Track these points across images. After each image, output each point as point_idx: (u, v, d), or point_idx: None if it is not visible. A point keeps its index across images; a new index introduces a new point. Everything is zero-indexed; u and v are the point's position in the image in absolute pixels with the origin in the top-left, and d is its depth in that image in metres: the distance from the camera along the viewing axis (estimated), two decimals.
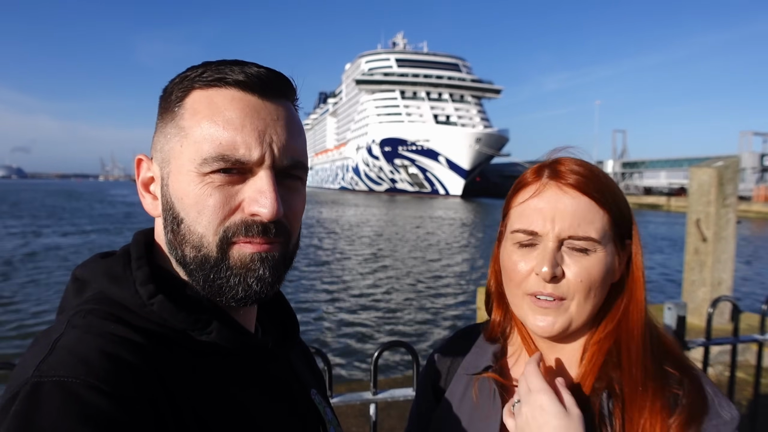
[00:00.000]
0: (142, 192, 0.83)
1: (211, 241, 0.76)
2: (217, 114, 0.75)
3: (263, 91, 0.78)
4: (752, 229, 34.06)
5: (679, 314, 2.29)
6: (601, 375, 0.97)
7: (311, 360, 1.13)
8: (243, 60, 0.80)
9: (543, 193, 0.98)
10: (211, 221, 0.75)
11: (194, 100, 0.77)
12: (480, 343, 1.16)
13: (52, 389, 0.60)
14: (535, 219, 0.97)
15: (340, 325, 10.50)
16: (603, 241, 0.95)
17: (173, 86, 0.80)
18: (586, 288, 0.95)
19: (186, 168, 0.76)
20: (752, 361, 4.58)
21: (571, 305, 0.96)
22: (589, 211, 0.95)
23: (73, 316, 0.73)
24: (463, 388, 1.12)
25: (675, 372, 0.97)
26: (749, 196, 51.63)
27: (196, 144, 0.75)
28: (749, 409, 3.80)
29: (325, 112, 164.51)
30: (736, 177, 6.05)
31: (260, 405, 0.81)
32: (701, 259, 5.99)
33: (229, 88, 0.77)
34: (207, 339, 0.76)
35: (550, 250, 0.95)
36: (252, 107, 0.76)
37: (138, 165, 0.83)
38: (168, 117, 0.79)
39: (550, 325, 0.96)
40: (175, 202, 0.77)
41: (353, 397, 1.91)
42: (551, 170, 1.00)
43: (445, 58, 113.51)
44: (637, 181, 74.46)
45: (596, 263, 0.95)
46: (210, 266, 0.76)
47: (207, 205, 0.75)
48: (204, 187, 0.75)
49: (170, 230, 0.78)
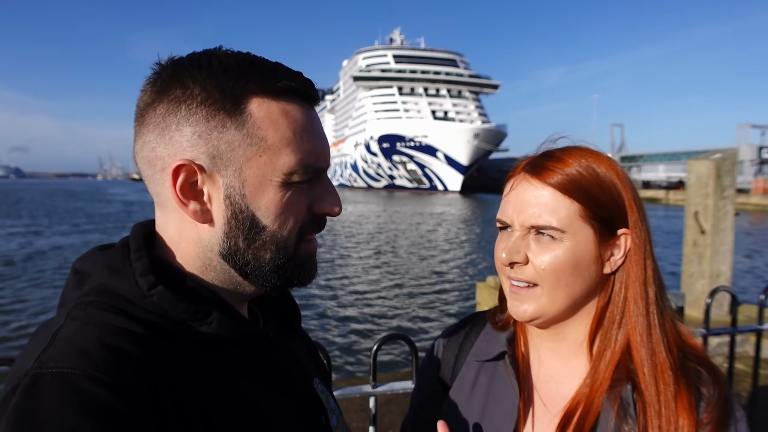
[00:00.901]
0: (182, 199, 0.76)
1: (293, 242, 0.81)
2: (298, 126, 0.79)
3: (314, 102, 0.83)
4: (751, 221, 34.11)
5: (677, 305, 2.29)
6: (619, 366, 0.97)
7: (313, 350, 1.13)
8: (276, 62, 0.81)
9: (515, 185, 1.02)
10: (295, 225, 0.81)
11: (264, 108, 0.77)
12: (489, 330, 1.16)
13: (52, 380, 0.61)
14: (506, 209, 1.02)
15: (339, 320, 10.53)
16: (570, 231, 0.96)
17: (228, 85, 0.75)
18: (551, 275, 0.96)
19: (269, 178, 0.77)
20: (751, 352, 4.60)
21: (543, 293, 0.98)
22: (552, 200, 0.96)
23: (73, 309, 0.73)
24: (474, 375, 1.12)
25: (698, 368, 0.97)
26: (747, 189, 51.74)
27: (284, 156, 0.77)
28: (748, 400, 3.81)
29: (323, 109, 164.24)
30: (734, 169, 6.06)
31: (262, 394, 0.81)
32: (700, 251, 6.00)
33: (294, 101, 0.80)
34: (208, 329, 0.76)
35: (514, 237, 1.00)
36: (316, 119, 0.83)
37: (177, 171, 0.75)
38: (228, 121, 0.75)
39: (522, 311, 1.00)
40: (256, 211, 0.78)
41: (353, 391, 1.92)
42: (528, 163, 1.03)
43: (442, 54, 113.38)
44: (635, 175, 74.47)
45: (562, 252, 0.96)
46: (290, 265, 0.82)
47: (293, 212, 0.80)
48: (290, 196, 0.79)
49: (242, 238, 0.78)
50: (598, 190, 0.98)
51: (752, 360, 2.92)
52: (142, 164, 0.80)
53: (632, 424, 0.92)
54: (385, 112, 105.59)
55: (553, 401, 1.02)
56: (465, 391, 1.12)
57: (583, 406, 0.96)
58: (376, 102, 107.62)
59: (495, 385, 1.08)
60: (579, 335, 1.03)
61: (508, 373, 1.06)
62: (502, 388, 1.06)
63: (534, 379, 1.07)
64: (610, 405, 0.94)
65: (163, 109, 0.76)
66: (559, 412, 0.99)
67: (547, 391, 1.04)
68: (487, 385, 1.09)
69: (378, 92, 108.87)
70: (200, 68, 0.75)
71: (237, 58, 0.78)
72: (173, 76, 0.76)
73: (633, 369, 0.96)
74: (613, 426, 0.93)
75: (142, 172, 0.81)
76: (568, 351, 1.05)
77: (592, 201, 0.97)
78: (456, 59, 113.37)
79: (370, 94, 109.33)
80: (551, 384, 1.05)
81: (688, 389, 0.93)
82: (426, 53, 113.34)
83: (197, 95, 0.74)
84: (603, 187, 0.98)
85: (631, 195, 1.01)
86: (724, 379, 0.97)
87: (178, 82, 0.75)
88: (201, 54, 0.78)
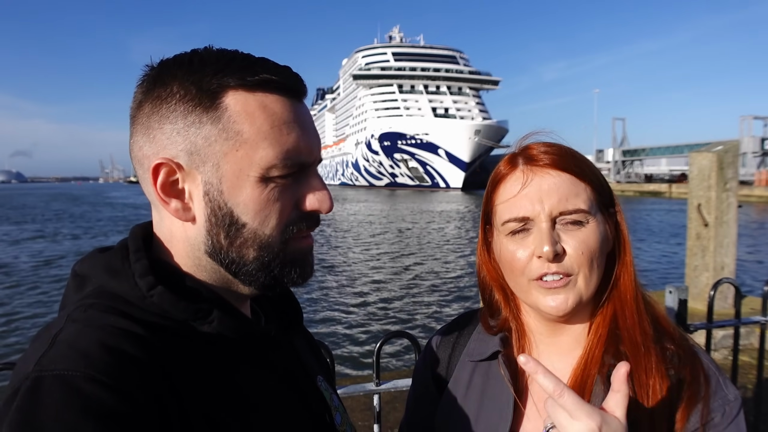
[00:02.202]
0: (163, 197, 0.77)
1: (278, 240, 0.78)
2: (277, 119, 0.76)
3: (299, 95, 0.80)
4: (754, 214, 34.01)
5: (680, 297, 2.28)
6: (608, 347, 0.98)
7: (316, 348, 1.13)
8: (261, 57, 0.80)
9: (523, 179, 0.98)
10: (279, 222, 0.78)
11: (241, 102, 0.75)
12: (481, 330, 1.16)
13: (52, 383, 0.60)
14: (523, 205, 0.97)
15: (342, 318, 10.54)
16: (592, 211, 0.97)
17: (204, 81, 0.74)
18: (588, 260, 0.95)
19: (247, 173, 0.75)
20: (756, 344, 4.58)
21: (579, 279, 0.96)
22: (573, 185, 0.97)
23: (73, 311, 0.73)
24: (469, 376, 1.12)
25: (672, 347, 0.97)
26: (751, 181, 51.55)
27: (261, 149, 0.75)
28: (754, 392, 3.80)
29: (323, 108, 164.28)
30: (736, 161, 6.04)
31: (264, 393, 0.81)
32: (703, 244, 5.99)
33: (274, 93, 0.77)
34: (209, 329, 0.76)
35: (545, 229, 0.95)
36: (300, 112, 0.79)
37: (157, 170, 0.76)
38: (204, 117, 0.74)
39: (564, 303, 0.96)
40: (234, 208, 0.76)
41: (356, 389, 1.92)
42: (524, 157, 1.00)
43: (442, 51, 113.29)
44: (637, 169, 74.28)
45: (591, 233, 0.96)
46: (276, 264, 0.80)
47: (275, 209, 0.77)
48: (270, 192, 0.76)
49: (224, 235, 0.77)
50: (598, 173, 1.02)
51: (757, 352, 2.91)
52: (135, 165, 0.81)
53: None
54: (385, 110, 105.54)
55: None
56: (460, 391, 1.11)
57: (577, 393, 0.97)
58: (377, 100, 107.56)
59: (490, 384, 1.07)
60: (579, 325, 1.04)
61: (502, 372, 1.05)
62: (496, 388, 1.06)
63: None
64: (601, 388, 0.95)
65: (148, 108, 0.77)
66: None
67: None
68: (482, 384, 1.09)
69: (378, 90, 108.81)
70: (180, 66, 0.76)
71: (218, 55, 0.77)
72: (157, 76, 0.77)
73: (621, 350, 0.97)
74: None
75: (137, 172, 0.81)
76: (567, 344, 1.05)
77: (597, 182, 1.00)
78: (456, 56, 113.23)
79: (371, 93, 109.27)
80: None
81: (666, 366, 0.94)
82: (425, 50, 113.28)
83: (176, 93, 0.75)
84: (593, 166, 1.02)
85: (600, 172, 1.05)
86: (698, 356, 0.98)
87: (161, 81, 0.76)
88: (185, 53, 0.78)
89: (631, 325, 0.98)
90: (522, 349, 1.10)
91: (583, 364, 0.99)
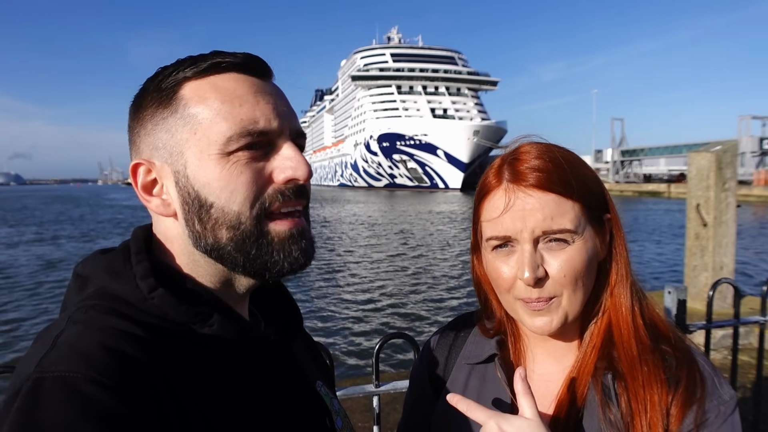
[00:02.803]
0: (145, 197, 0.81)
1: (248, 216, 0.77)
2: (227, 94, 0.77)
3: (259, 72, 0.81)
4: (753, 213, 34.03)
5: (679, 298, 2.28)
6: (601, 355, 0.97)
7: (316, 352, 1.13)
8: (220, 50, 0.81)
9: (506, 199, 0.95)
10: (247, 197, 0.76)
11: (194, 88, 0.77)
12: (477, 332, 1.16)
13: (53, 384, 0.60)
14: (506, 224, 0.94)
15: (341, 320, 10.52)
16: (579, 230, 0.94)
17: (162, 82, 0.79)
18: (572, 281, 0.94)
19: (207, 152, 0.76)
20: (755, 344, 4.58)
21: (563, 301, 0.94)
22: (558, 205, 0.93)
23: (74, 312, 0.73)
24: (465, 378, 1.12)
25: (669, 350, 0.97)
26: (749, 181, 51.63)
27: (215, 125, 0.75)
28: (753, 392, 3.80)
29: (322, 109, 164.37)
30: (735, 161, 6.05)
31: (263, 397, 0.81)
32: (702, 244, 5.99)
33: (229, 72, 0.79)
34: (209, 332, 0.76)
35: (527, 252, 0.93)
36: (257, 85, 0.79)
37: (135, 171, 0.81)
38: (166, 112, 0.78)
39: (548, 324, 0.95)
40: (200, 189, 0.77)
41: (356, 390, 1.92)
42: (510, 172, 0.96)
43: (440, 52, 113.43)
44: (636, 169, 74.37)
45: (577, 253, 0.93)
46: (251, 242, 0.77)
47: (239, 183, 0.76)
48: (232, 167, 0.76)
49: (197, 220, 0.78)
50: (591, 183, 0.98)
51: (756, 352, 2.92)
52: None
53: (616, 412, 0.92)
54: (384, 111, 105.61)
55: (543, 401, 1.01)
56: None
57: (569, 401, 0.96)
58: (375, 101, 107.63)
59: (486, 387, 1.07)
60: (573, 330, 1.03)
61: (498, 375, 1.04)
62: (493, 391, 1.05)
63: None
64: (594, 396, 0.94)
65: (132, 125, 0.82)
66: (548, 410, 0.99)
67: (538, 391, 1.03)
68: (479, 387, 1.08)
69: (377, 91, 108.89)
70: (149, 79, 0.81)
71: (181, 59, 0.81)
72: (136, 98, 0.82)
73: (615, 356, 0.96)
74: (599, 417, 0.93)
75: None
76: (562, 347, 1.05)
77: (589, 195, 0.96)
78: (454, 56, 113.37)
79: (369, 94, 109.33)
80: (542, 383, 1.04)
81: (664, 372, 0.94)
82: (424, 51, 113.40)
83: (146, 101, 0.80)
84: (585, 176, 0.97)
85: (597, 176, 1.01)
86: (694, 358, 0.97)
87: (137, 98, 0.82)
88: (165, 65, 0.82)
89: (627, 338, 0.97)
90: (517, 352, 1.10)
91: (576, 372, 0.99)
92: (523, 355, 1.09)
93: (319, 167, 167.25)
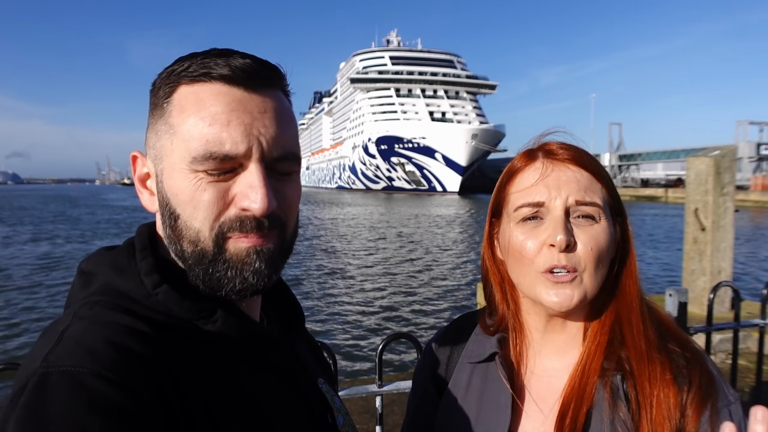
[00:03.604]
0: (139, 188, 0.83)
1: (207, 236, 0.76)
2: (203, 110, 0.74)
3: (249, 83, 0.76)
4: (750, 218, 34.12)
5: (680, 300, 2.30)
6: (609, 354, 0.98)
7: (317, 350, 1.13)
8: (230, 49, 0.79)
9: (543, 169, 1.00)
10: (207, 217, 0.75)
11: (181, 96, 0.77)
12: (479, 331, 1.16)
13: (59, 379, 0.61)
14: (540, 191, 0.97)
15: (344, 320, 10.54)
16: (605, 211, 0.98)
17: (161, 82, 0.79)
18: (596, 257, 0.95)
19: (178, 165, 0.75)
20: (754, 348, 4.60)
21: (585, 277, 0.95)
22: (591, 181, 0.99)
23: (79, 308, 0.73)
24: (467, 377, 1.12)
25: (677, 349, 0.98)
26: (747, 186, 51.78)
27: (185, 142, 0.75)
28: (752, 395, 3.82)
29: (321, 111, 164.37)
30: (733, 166, 6.07)
31: (266, 394, 0.81)
32: (700, 248, 6.01)
33: (215, 83, 0.75)
34: (212, 328, 0.77)
35: (559, 218, 0.95)
36: (238, 101, 0.75)
37: (134, 162, 0.84)
38: (158, 113, 0.79)
39: (569, 299, 0.94)
40: (170, 198, 0.77)
41: (359, 390, 1.92)
42: (543, 151, 1.02)
43: (439, 55, 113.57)
44: (634, 174, 74.53)
45: (602, 232, 0.96)
46: (208, 261, 0.76)
47: (201, 201, 0.75)
48: (197, 183, 0.75)
49: (168, 225, 0.78)
50: (610, 179, 1.04)
51: (754, 356, 2.93)
52: None
53: (626, 412, 0.92)
54: (382, 113, 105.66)
55: (547, 397, 1.02)
56: (459, 393, 1.12)
57: (575, 401, 0.96)
58: (374, 104, 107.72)
59: (488, 386, 1.08)
60: (577, 324, 1.04)
61: (500, 373, 1.05)
62: (495, 389, 1.06)
63: (527, 377, 1.07)
64: (602, 396, 0.94)
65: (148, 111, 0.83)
66: (552, 407, 0.99)
67: (541, 387, 1.04)
68: (481, 386, 1.09)
69: (375, 94, 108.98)
70: (161, 75, 0.81)
71: (189, 55, 0.80)
72: (155, 81, 0.82)
73: (623, 356, 0.96)
74: (608, 417, 0.93)
75: None
76: (565, 342, 1.05)
77: (610, 187, 1.03)
78: (453, 60, 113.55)
79: (368, 96, 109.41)
80: (545, 379, 1.05)
81: (672, 370, 0.94)
82: (423, 54, 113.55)
83: (154, 94, 0.81)
84: (607, 174, 1.04)
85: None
86: (704, 360, 0.98)
87: (153, 87, 0.82)
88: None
89: (637, 334, 0.98)
90: (519, 348, 1.10)
91: (581, 371, 0.98)
92: (525, 350, 1.10)
93: (317, 169, 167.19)
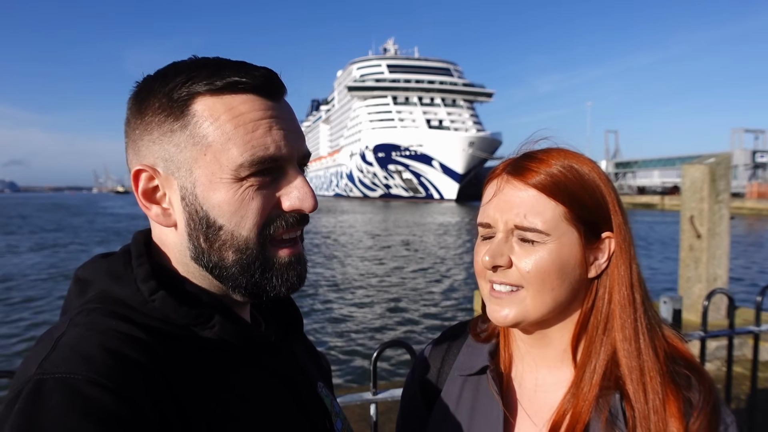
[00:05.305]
0: (145, 204, 0.80)
1: (256, 242, 0.78)
2: (242, 118, 0.76)
3: (272, 91, 0.80)
4: (746, 226, 34.22)
5: (674, 308, 2.30)
6: (606, 373, 0.95)
7: (315, 355, 1.13)
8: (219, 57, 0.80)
9: (496, 187, 1.00)
10: (256, 223, 0.77)
11: (208, 106, 0.76)
12: (471, 343, 1.15)
13: (54, 386, 0.61)
14: (488, 213, 0.99)
15: (339, 328, 10.49)
16: (555, 233, 0.94)
17: (174, 91, 0.77)
18: (538, 279, 0.94)
19: (218, 176, 0.76)
20: (749, 355, 4.60)
21: (527, 296, 0.95)
22: (537, 202, 0.94)
23: (75, 315, 0.73)
24: (459, 390, 1.10)
25: (687, 372, 0.96)
26: (742, 193, 51.97)
27: (227, 151, 0.75)
28: (747, 403, 3.82)
29: (318, 119, 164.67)
30: (728, 173, 6.10)
31: (265, 399, 0.81)
32: (696, 255, 6.03)
33: (241, 93, 0.77)
34: (210, 334, 0.77)
35: (497, 240, 0.97)
36: (271, 108, 0.78)
37: (137, 176, 0.80)
38: (175, 125, 0.77)
39: (504, 317, 0.96)
40: (209, 210, 0.77)
41: (353, 398, 1.91)
42: (512, 165, 1.00)
43: (436, 63, 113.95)
44: (630, 181, 74.78)
45: (546, 255, 0.93)
46: (256, 267, 0.78)
47: (250, 209, 0.77)
48: (244, 192, 0.76)
49: (203, 238, 0.78)
50: (582, 192, 0.96)
51: (749, 363, 2.94)
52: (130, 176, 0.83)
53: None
54: (380, 121, 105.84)
55: (539, 412, 1.01)
56: (450, 406, 1.10)
57: (570, 418, 0.94)
58: (371, 112, 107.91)
59: (479, 399, 1.06)
60: (563, 341, 1.02)
61: (491, 387, 1.03)
62: (486, 403, 1.04)
63: (519, 391, 1.05)
64: (598, 415, 0.93)
65: (133, 123, 0.80)
66: (545, 423, 0.98)
67: (533, 401, 1.03)
68: (472, 399, 1.07)
69: (372, 102, 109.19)
70: (156, 80, 0.79)
71: (191, 64, 0.79)
72: (139, 93, 0.80)
73: (620, 376, 0.94)
74: None
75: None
76: (553, 357, 1.03)
77: (577, 203, 0.95)
78: (450, 68, 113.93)
79: (365, 104, 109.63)
80: (538, 393, 1.03)
81: (677, 395, 0.92)
82: (420, 62, 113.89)
83: (152, 105, 0.78)
84: (587, 188, 0.97)
85: (613, 197, 0.99)
86: (712, 384, 0.96)
87: (141, 96, 0.79)
88: (164, 66, 0.81)
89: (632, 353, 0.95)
90: (509, 360, 1.09)
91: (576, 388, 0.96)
92: (516, 362, 1.08)
93: (315, 177, 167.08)
